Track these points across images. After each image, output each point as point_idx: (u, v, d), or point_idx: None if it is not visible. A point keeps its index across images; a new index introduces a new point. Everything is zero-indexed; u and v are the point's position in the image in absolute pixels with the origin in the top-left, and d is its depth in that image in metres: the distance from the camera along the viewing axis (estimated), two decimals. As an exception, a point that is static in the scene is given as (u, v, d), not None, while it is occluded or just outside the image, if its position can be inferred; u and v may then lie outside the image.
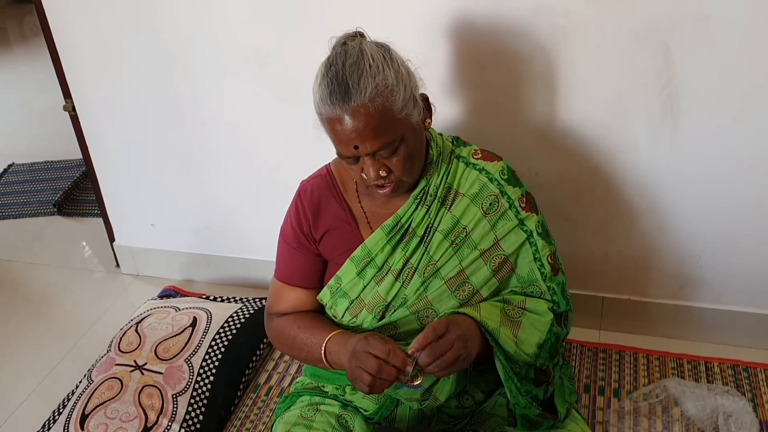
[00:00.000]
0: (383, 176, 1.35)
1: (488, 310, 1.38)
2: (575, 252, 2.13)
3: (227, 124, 2.25)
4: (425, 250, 1.46)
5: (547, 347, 1.41)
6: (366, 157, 1.33)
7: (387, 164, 1.35)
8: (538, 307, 1.44)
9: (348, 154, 1.33)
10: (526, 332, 1.39)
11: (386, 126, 1.30)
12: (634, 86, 1.83)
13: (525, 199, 1.49)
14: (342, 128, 1.29)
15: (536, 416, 1.40)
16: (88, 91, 2.36)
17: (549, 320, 1.43)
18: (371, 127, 1.29)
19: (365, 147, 1.30)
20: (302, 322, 1.52)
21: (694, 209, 1.97)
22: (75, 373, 2.25)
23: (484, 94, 1.95)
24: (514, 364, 1.37)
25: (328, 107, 1.30)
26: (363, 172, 1.36)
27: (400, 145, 1.34)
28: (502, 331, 1.35)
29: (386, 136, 1.31)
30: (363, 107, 1.27)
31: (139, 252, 2.71)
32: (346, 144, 1.31)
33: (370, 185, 1.39)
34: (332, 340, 1.44)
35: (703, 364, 2.09)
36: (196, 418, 1.95)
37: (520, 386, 1.37)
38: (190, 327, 2.18)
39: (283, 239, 1.58)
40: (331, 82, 1.29)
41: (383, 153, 1.33)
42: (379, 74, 1.29)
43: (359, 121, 1.28)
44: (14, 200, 3.41)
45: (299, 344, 1.50)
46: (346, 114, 1.28)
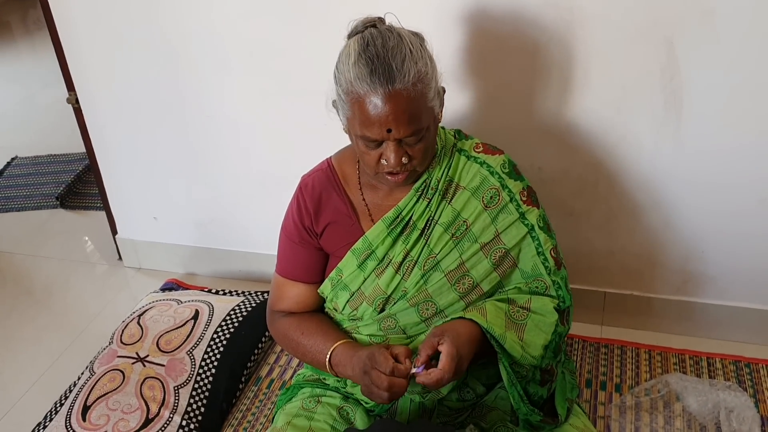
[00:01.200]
0: (404, 163, 1.35)
1: (494, 314, 1.37)
2: (578, 247, 2.13)
3: (230, 117, 2.25)
4: (425, 243, 1.46)
5: (552, 347, 1.41)
6: (392, 142, 1.32)
7: (408, 152, 1.35)
8: (543, 307, 1.43)
9: (376, 137, 1.31)
10: (531, 335, 1.39)
11: (419, 113, 1.30)
12: (638, 82, 1.83)
13: (526, 192, 1.49)
14: (377, 110, 1.27)
15: (538, 422, 1.40)
16: (91, 84, 2.36)
17: (554, 321, 1.42)
18: (408, 113, 1.28)
19: (398, 131, 1.29)
20: (306, 328, 1.52)
21: (698, 205, 1.97)
22: (77, 364, 2.26)
23: (487, 89, 1.95)
24: (520, 368, 1.37)
25: (367, 86, 1.27)
26: (383, 158, 1.35)
27: (426, 133, 1.34)
28: (509, 336, 1.34)
29: (418, 123, 1.31)
30: (405, 91, 1.26)
31: (141, 245, 2.71)
32: (379, 126, 1.29)
33: (381, 172, 1.38)
34: (337, 352, 1.44)
35: (706, 359, 2.09)
36: (198, 410, 1.95)
37: (522, 393, 1.37)
38: (192, 320, 2.18)
39: (284, 234, 1.58)
40: (371, 60, 1.27)
41: (410, 140, 1.32)
42: (420, 60, 1.29)
43: (399, 105, 1.27)
44: (17, 193, 3.42)
45: (303, 350, 1.51)
46: (385, 96, 1.26)
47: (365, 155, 1.37)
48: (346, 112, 1.34)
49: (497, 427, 1.45)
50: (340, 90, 1.33)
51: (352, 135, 1.38)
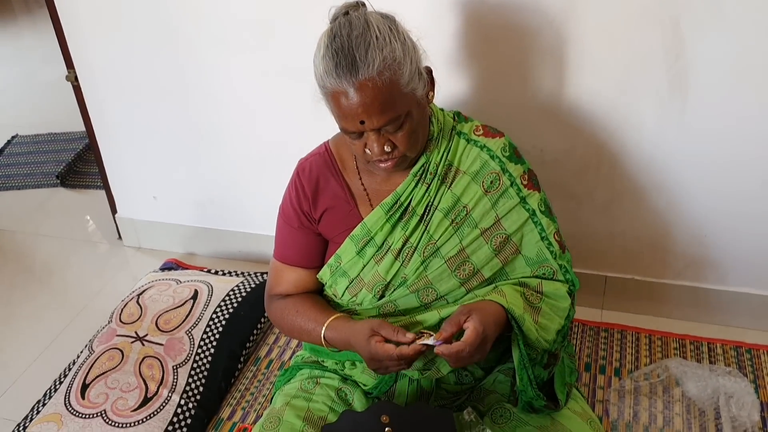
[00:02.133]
0: (387, 152, 1.33)
1: (512, 296, 1.36)
2: (579, 231, 2.12)
3: (230, 97, 2.23)
4: (425, 229, 1.44)
5: (563, 332, 1.41)
6: (371, 132, 1.30)
7: (392, 139, 1.32)
8: (556, 291, 1.42)
9: (352, 129, 1.30)
10: (546, 318, 1.38)
11: (393, 100, 1.27)
12: (643, 62, 1.81)
13: (527, 176, 1.47)
14: (347, 102, 1.26)
15: (540, 407, 1.40)
16: (90, 62, 2.34)
17: (567, 306, 1.41)
18: (378, 102, 1.26)
19: (371, 122, 1.28)
20: (300, 307, 1.51)
21: (701, 188, 1.95)
22: (76, 343, 2.26)
23: (489, 69, 1.93)
24: (532, 351, 1.36)
25: (333, 80, 1.26)
26: (366, 148, 1.34)
27: (406, 119, 1.31)
28: (526, 317, 1.33)
29: (393, 111, 1.28)
30: (371, 81, 1.24)
31: (141, 224, 2.70)
32: (352, 119, 1.28)
33: (372, 161, 1.37)
34: (330, 329, 1.43)
35: (706, 344, 2.08)
36: (197, 390, 1.95)
37: (533, 376, 1.36)
38: (191, 300, 2.18)
39: (282, 219, 1.56)
40: (336, 53, 1.25)
41: (389, 128, 1.30)
42: (386, 47, 1.25)
43: (366, 96, 1.25)
44: (17, 171, 3.41)
45: (298, 328, 1.50)
46: (352, 87, 1.25)
47: (352, 145, 1.37)
48: (326, 104, 1.34)
49: (494, 409, 1.45)
50: (317, 84, 1.33)
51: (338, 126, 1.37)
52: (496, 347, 1.53)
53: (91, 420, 1.84)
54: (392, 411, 1.37)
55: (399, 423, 1.35)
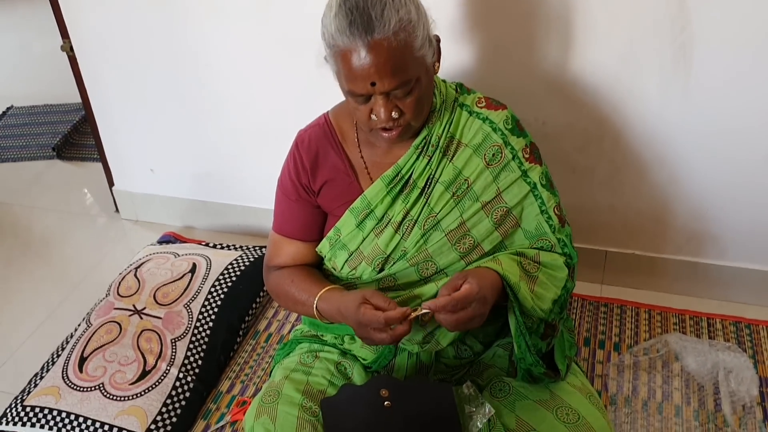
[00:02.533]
0: (395, 118, 1.31)
1: (508, 264, 1.35)
2: (580, 204, 2.11)
3: (228, 68, 2.20)
4: (426, 201, 1.43)
5: (560, 302, 1.40)
6: (380, 95, 1.28)
7: (399, 105, 1.30)
8: (553, 261, 1.41)
9: (361, 92, 1.27)
10: (543, 287, 1.37)
11: (405, 63, 1.25)
12: (647, 34, 1.78)
13: (529, 149, 1.45)
14: (359, 62, 1.23)
15: (540, 374, 1.39)
16: (85, 31, 2.30)
17: (564, 276, 1.41)
18: (392, 63, 1.23)
19: (383, 84, 1.25)
20: (295, 277, 1.50)
21: (704, 162, 1.94)
22: (74, 316, 2.25)
23: (492, 39, 1.90)
24: (527, 319, 1.35)
25: (347, 39, 1.23)
26: (373, 113, 1.31)
27: (416, 85, 1.29)
28: (522, 286, 1.33)
29: (404, 74, 1.26)
30: (386, 41, 1.22)
31: (138, 197, 2.68)
32: (362, 80, 1.25)
33: (375, 128, 1.35)
34: (322, 297, 1.42)
35: (706, 320, 2.08)
36: (195, 363, 1.95)
37: (530, 342, 1.36)
38: (190, 273, 2.17)
39: (281, 191, 1.55)
40: (350, 11, 1.22)
41: (398, 93, 1.28)
42: (402, 8, 1.23)
43: (380, 56, 1.22)
44: (13, 143, 3.38)
45: (293, 298, 1.49)
46: (366, 47, 1.22)
47: (356, 111, 1.33)
48: (333, 67, 1.30)
49: (493, 383, 1.44)
50: (325, 45, 1.29)
51: (343, 92, 1.34)
52: (495, 321, 1.53)
53: (90, 393, 1.84)
54: (391, 385, 1.37)
55: (398, 397, 1.35)
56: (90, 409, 1.81)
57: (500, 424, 1.36)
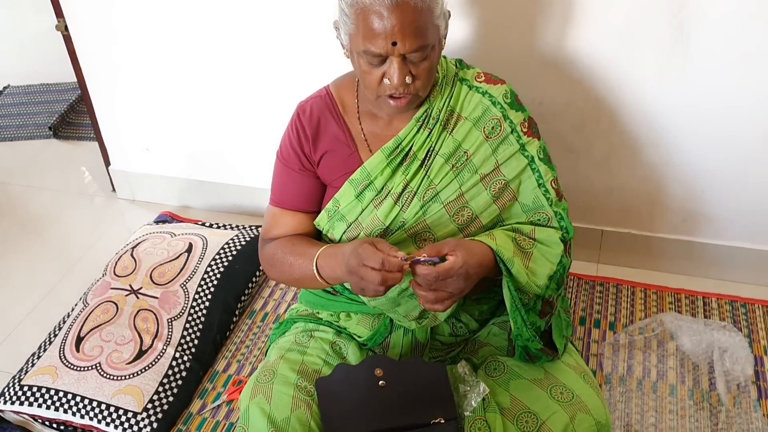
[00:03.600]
0: (407, 83, 1.31)
1: (503, 239, 1.35)
2: (577, 184, 2.10)
3: (225, 46, 2.19)
4: (425, 173, 1.43)
5: (556, 278, 1.40)
6: (397, 58, 1.28)
7: (413, 71, 1.31)
8: (548, 237, 1.41)
9: (380, 51, 1.27)
10: (538, 264, 1.38)
11: (426, 27, 1.27)
12: (644, 13, 1.77)
13: (527, 123, 1.45)
14: (382, 22, 1.24)
15: (537, 350, 1.39)
16: (80, 9, 2.28)
17: (559, 252, 1.41)
18: (415, 25, 1.24)
19: (404, 45, 1.26)
20: (293, 242, 1.48)
21: (700, 143, 1.93)
22: (71, 296, 2.25)
23: (488, 19, 1.88)
24: (523, 296, 1.36)
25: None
26: (386, 77, 1.31)
27: (431, 52, 1.31)
28: (516, 261, 1.33)
29: (424, 38, 1.27)
30: (413, 1, 1.23)
31: (134, 177, 2.68)
32: (384, 39, 1.25)
33: (383, 95, 1.34)
34: (322, 254, 1.40)
35: (701, 299, 2.09)
36: (191, 343, 1.95)
37: (526, 318, 1.36)
38: (186, 253, 2.17)
39: (281, 162, 1.53)
40: None
41: (415, 57, 1.29)
42: None
43: (405, 16, 1.23)
44: (10, 122, 3.36)
45: (289, 265, 1.46)
46: (392, 5, 1.22)
47: (367, 75, 1.33)
48: (349, 27, 1.29)
49: (488, 362, 1.45)
50: (343, 4, 1.29)
51: (354, 54, 1.33)
52: (490, 300, 1.53)
53: (86, 372, 1.85)
54: (386, 364, 1.37)
55: (392, 376, 1.35)
56: (87, 389, 1.82)
57: (495, 403, 1.37)
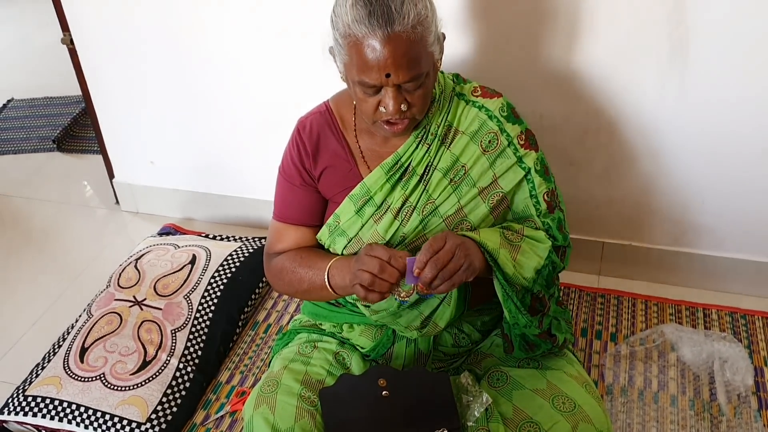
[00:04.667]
0: (403, 111, 1.32)
1: (487, 233, 1.38)
2: (577, 196, 2.12)
3: (228, 59, 2.21)
4: (424, 188, 1.45)
5: (545, 274, 1.41)
6: (391, 88, 1.29)
7: (408, 98, 1.32)
8: (536, 234, 1.44)
9: (374, 82, 1.28)
10: (525, 256, 1.39)
11: (419, 57, 1.28)
12: (643, 28, 1.79)
13: (524, 136, 1.47)
14: (375, 54, 1.25)
15: (535, 336, 1.40)
16: (85, 24, 2.31)
17: (548, 246, 1.42)
18: (408, 56, 1.25)
19: (397, 76, 1.27)
20: (302, 255, 1.50)
21: (700, 155, 1.95)
22: (75, 307, 2.26)
23: (489, 33, 1.91)
24: (510, 289, 1.37)
25: (365, 29, 1.24)
26: (381, 105, 1.32)
27: (425, 80, 1.32)
28: (501, 252, 1.35)
29: (418, 68, 1.28)
30: (405, 34, 1.24)
31: (138, 189, 2.69)
32: (378, 71, 1.26)
33: (379, 121, 1.36)
34: (334, 265, 1.43)
35: (702, 310, 2.10)
36: (195, 354, 1.96)
37: (519, 304, 1.37)
38: (190, 264, 2.18)
39: (282, 178, 1.56)
40: (369, 2, 1.23)
41: (409, 86, 1.30)
42: (419, 2, 1.26)
43: (398, 48, 1.24)
44: (14, 135, 3.38)
45: (299, 277, 1.48)
46: (384, 39, 1.23)
47: (363, 103, 1.34)
48: (344, 57, 1.31)
49: (491, 373, 1.46)
50: (337, 34, 1.30)
51: (349, 81, 1.35)
52: (492, 311, 1.54)
53: (90, 383, 1.86)
54: (389, 374, 1.38)
55: (396, 386, 1.36)
56: (91, 399, 1.82)
57: (497, 413, 1.37)
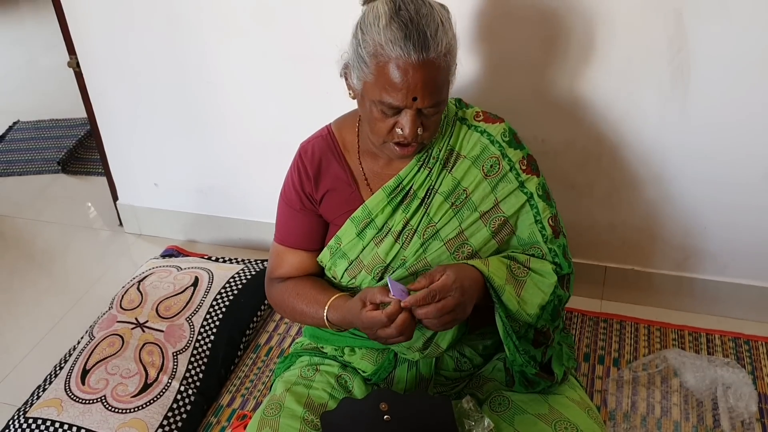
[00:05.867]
0: (418, 134, 1.33)
1: (496, 266, 1.37)
2: (579, 221, 2.12)
3: (232, 83, 2.23)
4: (425, 211, 1.45)
5: (550, 309, 1.41)
6: (411, 111, 1.30)
7: (423, 122, 1.33)
8: (542, 267, 1.43)
9: (398, 104, 1.29)
10: (530, 292, 1.39)
11: (443, 85, 1.30)
12: (645, 54, 1.80)
13: (526, 161, 1.48)
14: (405, 77, 1.25)
15: (533, 375, 1.40)
16: (92, 48, 2.33)
17: (553, 282, 1.42)
18: (435, 83, 1.27)
19: (423, 100, 1.28)
20: (301, 290, 1.51)
21: (702, 180, 1.95)
22: (77, 329, 2.27)
23: (492, 58, 1.92)
24: (514, 323, 1.37)
25: (399, 51, 1.24)
26: (397, 126, 1.33)
27: (442, 106, 1.34)
28: (507, 288, 1.34)
29: (441, 95, 1.30)
30: (437, 61, 1.26)
31: (142, 211, 2.70)
32: (405, 94, 1.27)
33: (389, 142, 1.37)
34: (332, 308, 1.43)
35: (705, 335, 2.09)
36: (196, 376, 1.96)
37: (518, 344, 1.37)
38: (192, 286, 2.19)
39: (283, 201, 1.57)
40: (405, 25, 1.24)
41: (429, 111, 1.31)
42: (449, 32, 1.28)
43: (428, 74, 1.25)
44: (19, 157, 3.41)
45: (300, 311, 1.50)
46: (418, 63, 1.24)
47: (378, 122, 1.34)
48: (367, 75, 1.30)
49: (493, 397, 1.46)
50: (363, 52, 1.29)
51: (366, 101, 1.34)
52: (494, 334, 1.54)
53: (92, 405, 1.85)
54: (391, 398, 1.37)
55: (398, 410, 1.35)
56: (92, 422, 1.82)
57: (499, 438, 1.37)
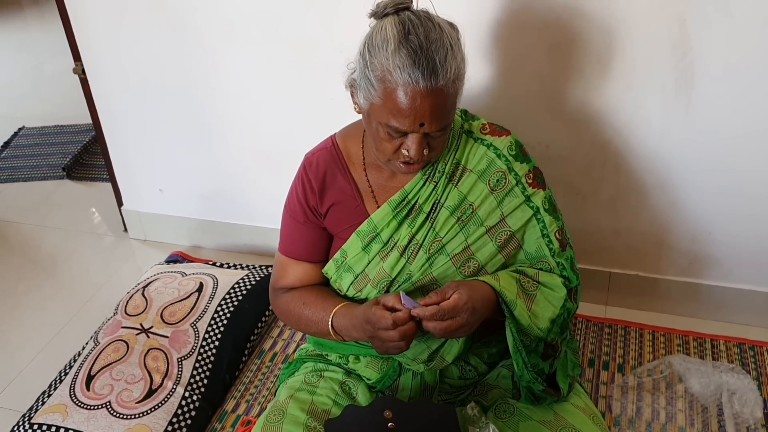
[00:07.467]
0: (424, 154, 1.33)
1: (507, 281, 1.36)
2: (584, 227, 2.12)
3: (237, 89, 2.24)
4: (431, 226, 1.44)
5: (560, 322, 1.41)
6: (418, 134, 1.29)
7: (429, 143, 1.33)
8: (552, 281, 1.42)
9: (405, 129, 1.28)
10: (540, 306, 1.38)
11: (450, 109, 1.29)
12: (649, 59, 1.81)
13: (532, 175, 1.47)
14: (413, 103, 1.24)
15: (540, 391, 1.40)
16: (97, 54, 2.34)
17: (563, 296, 1.41)
18: (443, 109, 1.26)
19: (430, 126, 1.27)
20: (306, 299, 1.51)
21: (706, 186, 1.95)
22: (82, 334, 2.27)
23: (497, 65, 1.93)
24: (525, 337, 1.36)
25: (408, 77, 1.22)
26: (403, 148, 1.32)
27: (450, 127, 1.34)
28: (519, 303, 1.34)
29: (447, 119, 1.29)
30: (445, 88, 1.24)
31: (147, 217, 2.71)
32: (412, 119, 1.26)
33: (394, 160, 1.36)
34: (338, 315, 1.43)
35: (709, 341, 2.09)
36: (201, 382, 1.96)
37: (527, 360, 1.37)
38: (197, 292, 2.19)
39: (287, 214, 1.56)
40: (414, 52, 1.22)
41: (436, 134, 1.31)
42: (458, 56, 1.27)
43: (437, 101, 1.24)
44: (24, 163, 3.42)
45: (305, 321, 1.50)
46: (426, 90, 1.23)
47: (384, 142, 1.33)
48: (374, 98, 1.28)
49: (498, 404, 1.45)
50: (371, 75, 1.27)
51: (373, 120, 1.32)
52: (499, 342, 1.53)
53: (96, 411, 1.85)
54: (395, 406, 1.37)
55: (402, 418, 1.35)
56: (97, 427, 1.82)
57: (504, 445, 1.37)
